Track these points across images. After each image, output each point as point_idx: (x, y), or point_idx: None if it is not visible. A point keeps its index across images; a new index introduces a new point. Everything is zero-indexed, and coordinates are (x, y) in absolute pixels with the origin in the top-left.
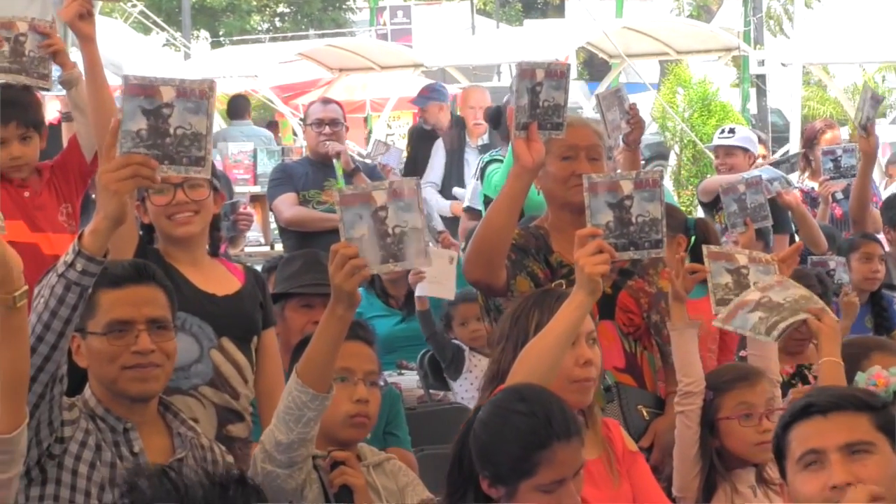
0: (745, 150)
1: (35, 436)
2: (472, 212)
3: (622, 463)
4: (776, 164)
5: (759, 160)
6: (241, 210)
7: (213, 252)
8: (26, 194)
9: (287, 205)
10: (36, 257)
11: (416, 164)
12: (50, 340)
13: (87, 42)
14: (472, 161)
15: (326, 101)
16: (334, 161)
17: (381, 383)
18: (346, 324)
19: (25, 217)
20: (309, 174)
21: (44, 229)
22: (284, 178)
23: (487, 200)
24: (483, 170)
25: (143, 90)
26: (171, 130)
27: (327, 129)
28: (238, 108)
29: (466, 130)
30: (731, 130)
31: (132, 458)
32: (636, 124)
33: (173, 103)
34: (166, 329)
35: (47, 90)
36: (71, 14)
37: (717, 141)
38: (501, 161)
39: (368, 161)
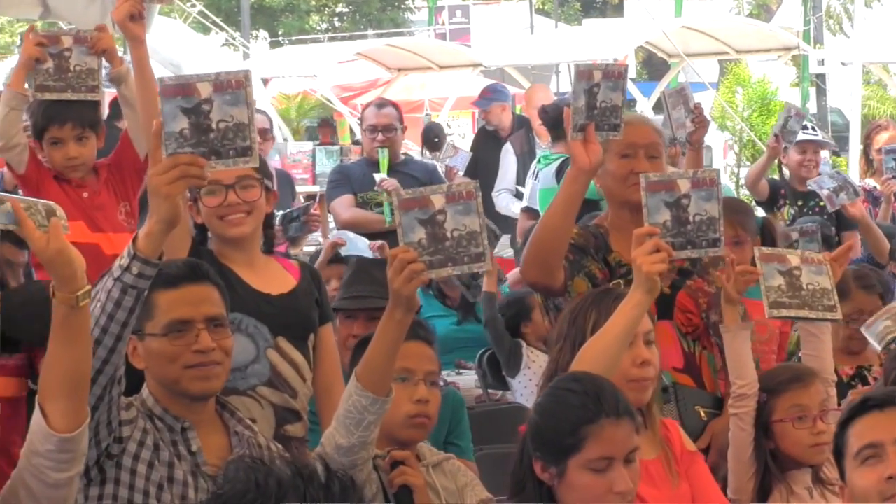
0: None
1: (94, 436)
2: (530, 212)
3: (681, 463)
4: None
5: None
6: (313, 211)
7: (268, 250)
8: (85, 194)
9: (344, 206)
10: (97, 258)
11: (476, 166)
12: (108, 344)
13: (137, 43)
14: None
15: (381, 105)
16: (380, 158)
17: (441, 384)
18: (404, 328)
19: (85, 217)
20: (366, 175)
21: (104, 229)
22: (342, 180)
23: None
24: (539, 170)
25: (180, 90)
26: (214, 125)
27: (380, 136)
28: None
29: (533, 131)
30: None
31: (190, 458)
32: (700, 124)
33: (212, 98)
34: (223, 326)
35: (97, 99)
36: (122, 15)
37: (803, 136)
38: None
39: (432, 161)
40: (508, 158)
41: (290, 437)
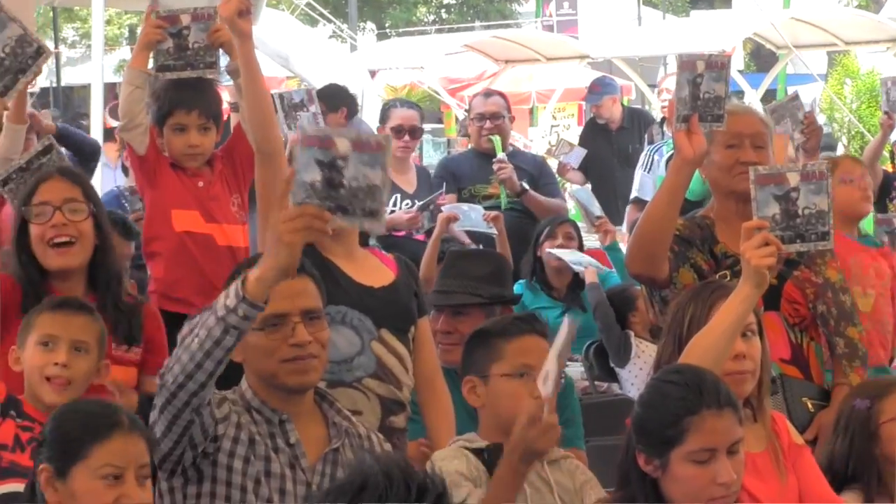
0: None
1: (189, 440)
2: (638, 203)
3: (788, 456)
4: None
5: None
6: (441, 199)
7: (364, 242)
8: (200, 184)
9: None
10: (210, 248)
11: (587, 160)
12: (200, 379)
13: (244, 39)
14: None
15: (488, 94)
16: (494, 144)
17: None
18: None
19: (200, 207)
20: (474, 167)
21: (217, 220)
22: (446, 176)
23: None
24: (651, 161)
25: (318, 141)
26: (346, 182)
27: (488, 124)
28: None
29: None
30: None
31: (288, 450)
32: (812, 132)
33: (349, 156)
34: (320, 319)
35: (215, 76)
36: (230, 11)
37: None
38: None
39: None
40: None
41: (394, 428)
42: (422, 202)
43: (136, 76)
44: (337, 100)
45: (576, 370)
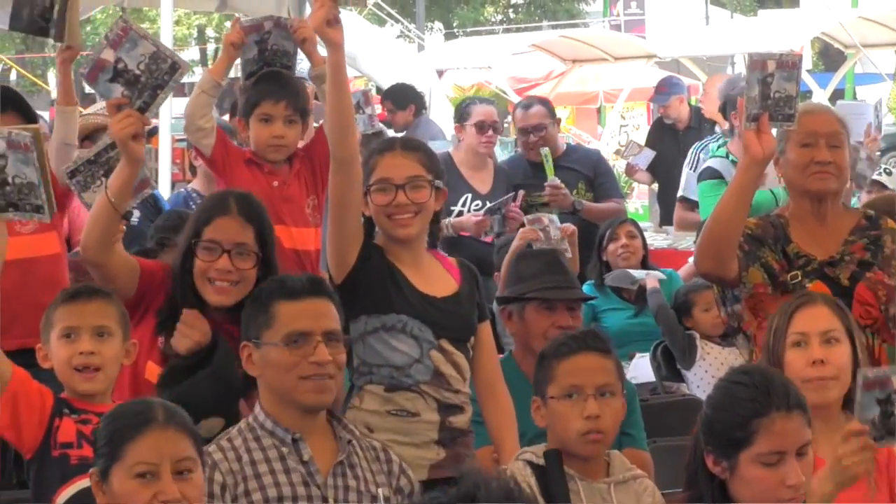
0: None
1: None
2: (685, 202)
3: (882, 462)
4: None
5: None
6: (513, 206)
7: (432, 244)
8: (275, 183)
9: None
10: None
11: (656, 160)
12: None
13: (334, 48)
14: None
15: (527, 105)
16: (543, 160)
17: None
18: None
19: (270, 208)
20: (528, 176)
21: (286, 222)
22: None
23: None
24: (697, 159)
25: None
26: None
27: (531, 138)
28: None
29: (717, 124)
30: None
31: (301, 468)
32: None
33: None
34: (338, 341)
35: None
36: (319, 20)
37: None
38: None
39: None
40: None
41: (455, 428)
42: (491, 205)
43: (207, 81)
44: (405, 98)
45: (644, 368)
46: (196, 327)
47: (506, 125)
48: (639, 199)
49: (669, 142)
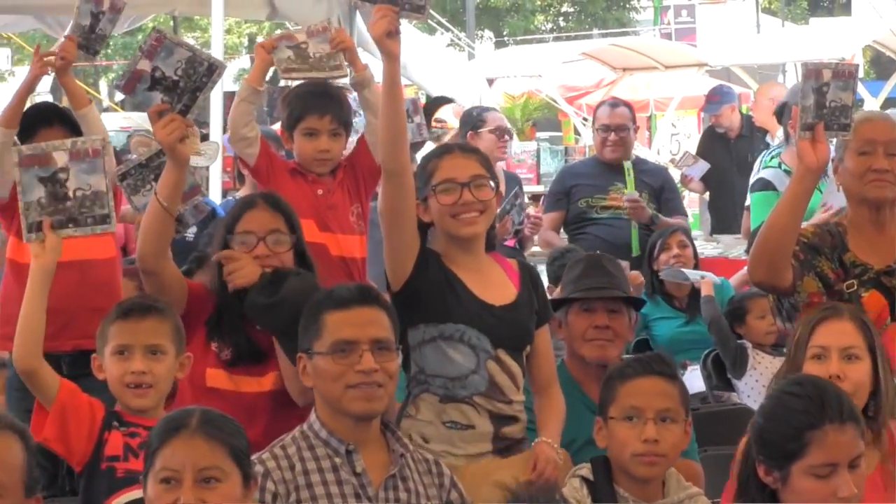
0: None
1: None
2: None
3: None
4: None
5: None
6: (534, 213)
7: (490, 248)
8: (319, 192)
9: (545, 225)
10: (323, 257)
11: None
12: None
13: (391, 60)
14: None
15: (614, 105)
16: (626, 172)
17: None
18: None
19: (315, 216)
20: (593, 177)
21: (332, 229)
22: (560, 196)
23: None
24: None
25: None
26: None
27: (613, 136)
28: None
29: (769, 133)
30: None
31: (354, 479)
32: None
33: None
34: (389, 350)
35: (343, 77)
36: (380, 31)
37: None
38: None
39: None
40: None
41: (509, 438)
42: (504, 206)
43: (245, 89)
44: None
45: (696, 380)
46: (243, 263)
47: (555, 134)
48: (689, 208)
49: (721, 150)
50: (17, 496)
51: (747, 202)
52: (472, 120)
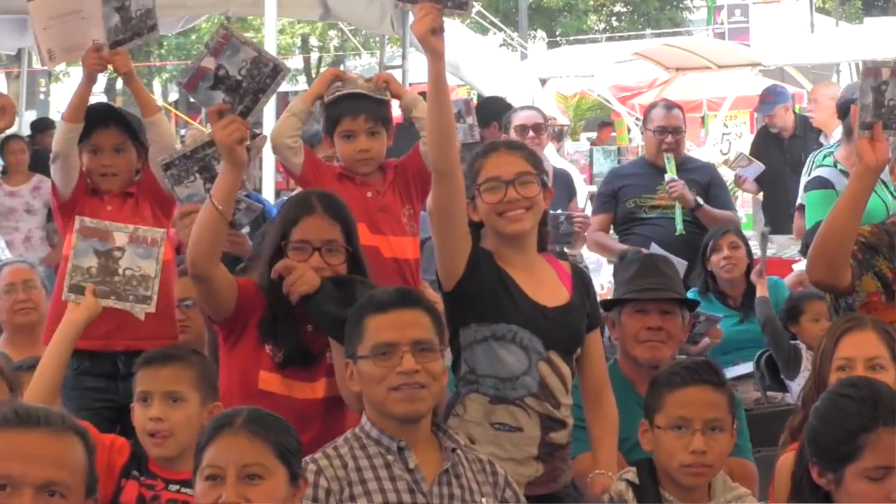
0: None
1: None
2: (803, 210)
3: None
4: None
5: None
6: (577, 215)
7: (541, 248)
8: (369, 194)
9: (593, 227)
10: (375, 259)
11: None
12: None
13: (435, 57)
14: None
15: (669, 107)
16: (666, 161)
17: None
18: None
19: (367, 219)
20: (643, 178)
21: (384, 231)
22: (607, 198)
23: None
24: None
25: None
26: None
27: (669, 138)
28: None
29: (823, 133)
30: None
31: (407, 476)
32: None
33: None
34: (432, 351)
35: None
36: (423, 29)
37: None
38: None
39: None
40: None
41: (554, 443)
42: (567, 220)
43: (298, 107)
44: (487, 115)
45: (746, 386)
46: (301, 271)
47: (612, 135)
48: (742, 208)
49: (774, 150)
50: (79, 497)
51: (799, 202)
52: (501, 122)
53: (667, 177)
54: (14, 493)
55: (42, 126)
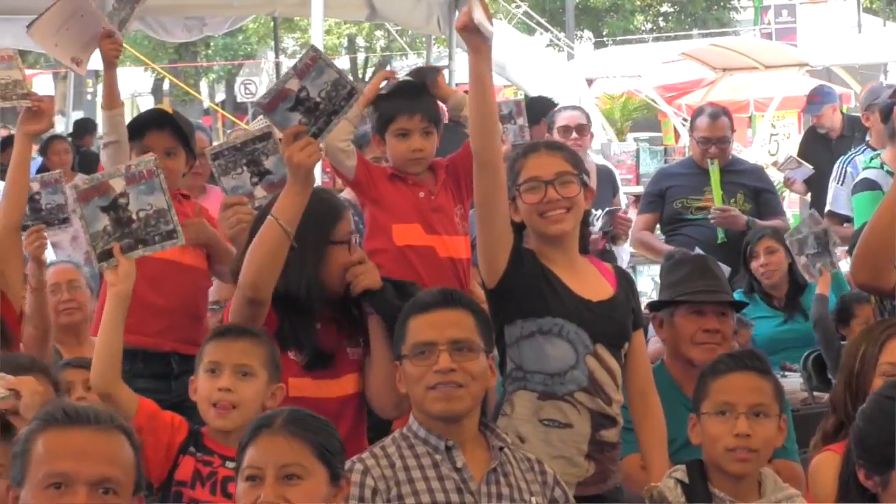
0: None
1: None
2: (833, 216)
3: None
4: None
5: None
6: (621, 215)
7: (583, 249)
8: (421, 194)
9: (638, 227)
10: (431, 259)
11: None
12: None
13: (476, 53)
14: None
15: (714, 116)
16: (710, 168)
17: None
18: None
19: (421, 219)
20: (690, 179)
21: (438, 231)
22: (654, 198)
23: None
24: (844, 173)
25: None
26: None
27: (713, 149)
28: None
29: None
30: None
31: (455, 475)
32: None
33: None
34: (471, 350)
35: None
36: (461, 24)
37: None
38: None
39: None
40: None
41: (604, 441)
42: (601, 223)
43: (353, 110)
44: (535, 114)
45: (794, 381)
46: (368, 267)
47: (656, 134)
48: (789, 209)
49: (822, 151)
50: (129, 494)
51: (828, 207)
52: (548, 122)
53: (713, 210)
54: (68, 491)
55: (84, 127)
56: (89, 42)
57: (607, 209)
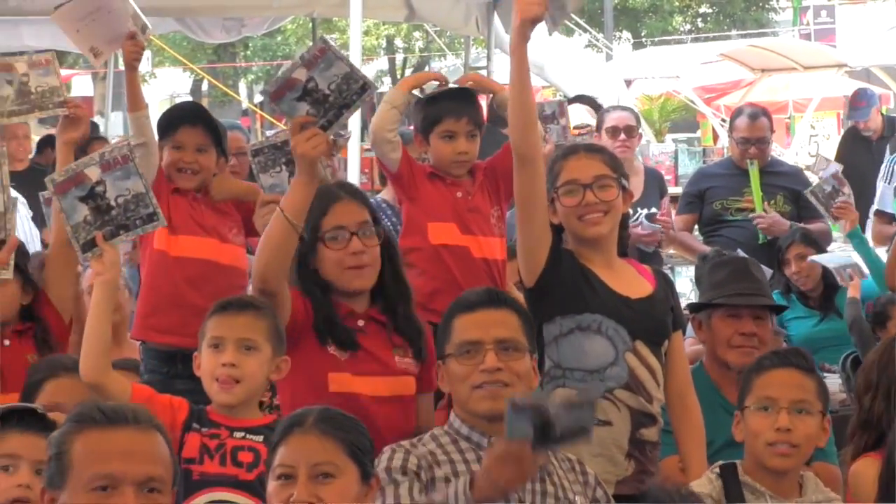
0: None
1: None
2: (881, 215)
3: None
4: None
5: None
6: (660, 216)
7: (622, 252)
8: (458, 194)
9: (677, 227)
10: (466, 259)
11: (847, 168)
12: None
13: (522, 45)
14: None
15: (754, 116)
16: (749, 169)
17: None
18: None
19: (457, 219)
20: (730, 180)
21: (474, 232)
22: (693, 198)
23: None
24: (892, 172)
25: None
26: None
27: (753, 150)
28: None
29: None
30: None
31: None
32: None
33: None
34: (516, 350)
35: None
36: (532, 15)
37: None
38: None
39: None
40: None
41: (645, 440)
42: (649, 220)
43: (398, 98)
44: None
45: (833, 381)
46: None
47: (695, 135)
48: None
49: (862, 152)
50: (169, 490)
51: (875, 206)
52: (597, 122)
53: (754, 215)
54: (115, 492)
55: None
56: (114, 39)
57: (645, 212)
